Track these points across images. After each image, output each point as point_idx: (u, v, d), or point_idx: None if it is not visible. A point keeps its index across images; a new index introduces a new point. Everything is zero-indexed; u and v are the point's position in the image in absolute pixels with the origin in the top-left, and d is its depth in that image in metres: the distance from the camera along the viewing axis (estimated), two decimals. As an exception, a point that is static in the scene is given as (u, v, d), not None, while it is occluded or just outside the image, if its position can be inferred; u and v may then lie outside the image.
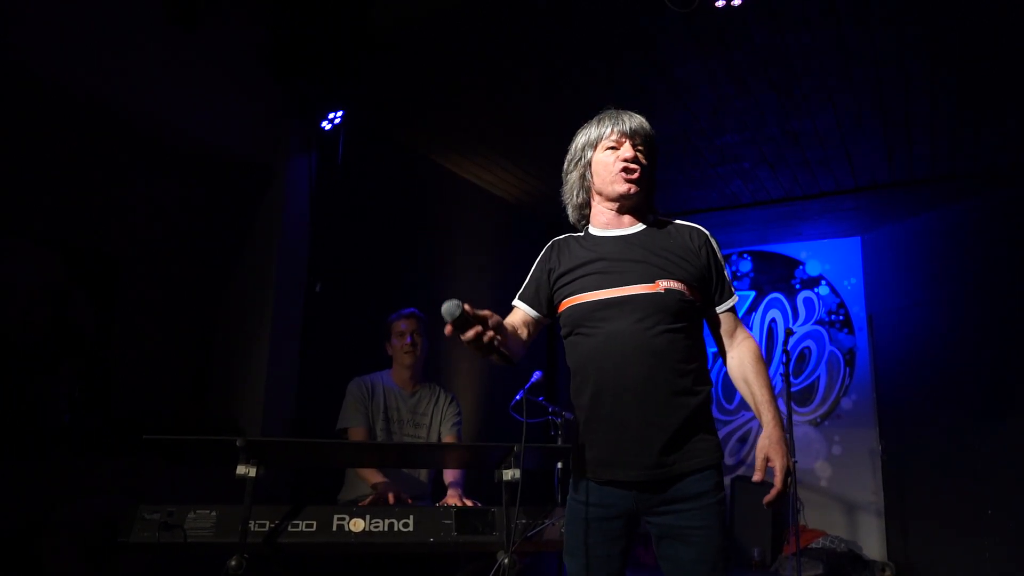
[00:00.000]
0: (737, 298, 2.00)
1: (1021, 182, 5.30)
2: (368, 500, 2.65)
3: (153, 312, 3.98)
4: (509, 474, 2.11)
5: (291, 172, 4.14)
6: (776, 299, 7.20)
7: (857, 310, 6.82)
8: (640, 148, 2.05)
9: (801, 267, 7.13)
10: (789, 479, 1.77)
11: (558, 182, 2.11)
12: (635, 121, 2.09)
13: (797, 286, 7.12)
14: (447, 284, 5.48)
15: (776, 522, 6.28)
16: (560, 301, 2.01)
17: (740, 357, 1.95)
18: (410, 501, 2.72)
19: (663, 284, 1.86)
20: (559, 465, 3.79)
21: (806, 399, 6.80)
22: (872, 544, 6.34)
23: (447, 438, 3.27)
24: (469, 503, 2.68)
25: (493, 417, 5.58)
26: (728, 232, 6.88)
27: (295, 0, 3.98)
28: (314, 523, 2.04)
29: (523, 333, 2.08)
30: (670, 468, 1.79)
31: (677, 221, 2.06)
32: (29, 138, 3.48)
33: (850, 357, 6.74)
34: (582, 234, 2.14)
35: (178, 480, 3.14)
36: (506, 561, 1.97)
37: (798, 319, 7.06)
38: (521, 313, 2.12)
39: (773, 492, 1.75)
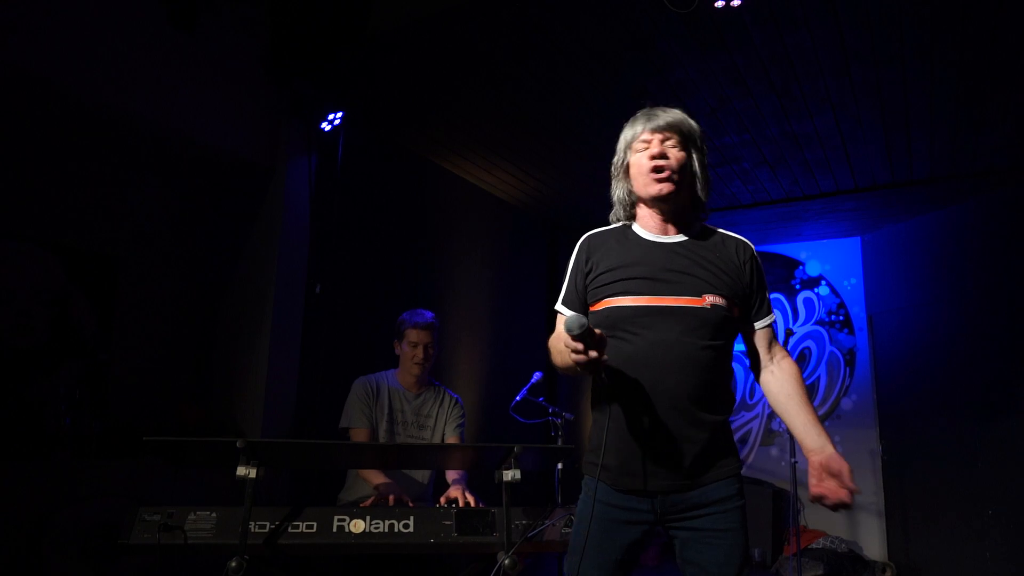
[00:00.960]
0: (775, 316, 2.00)
1: (1021, 182, 5.30)
2: (369, 501, 2.65)
3: (153, 314, 3.98)
4: (509, 475, 2.11)
5: (291, 173, 4.14)
6: (776, 299, 7.20)
7: (857, 310, 6.82)
8: (673, 145, 1.94)
9: (801, 267, 7.14)
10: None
11: (558, 183, 2.11)
12: (668, 116, 1.96)
13: (797, 286, 7.12)
14: (447, 285, 5.48)
15: (776, 522, 6.28)
16: (597, 299, 1.94)
17: (782, 377, 1.93)
18: (411, 503, 2.72)
19: (710, 299, 1.84)
20: (559, 466, 3.80)
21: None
22: (873, 544, 6.34)
23: (449, 439, 3.27)
24: (471, 498, 2.68)
25: (493, 417, 5.58)
26: (727, 231, 6.87)
27: (294, 1, 3.98)
28: (314, 524, 2.04)
29: None
30: (694, 480, 1.81)
31: (724, 232, 2.03)
32: (29, 140, 3.48)
33: (850, 357, 6.74)
34: (621, 230, 2.06)
35: (178, 482, 3.14)
36: (507, 562, 1.97)
37: (798, 319, 7.06)
38: (566, 312, 2.04)
39: (841, 497, 1.77)
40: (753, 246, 2.01)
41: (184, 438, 2.07)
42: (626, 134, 2.04)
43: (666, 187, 1.90)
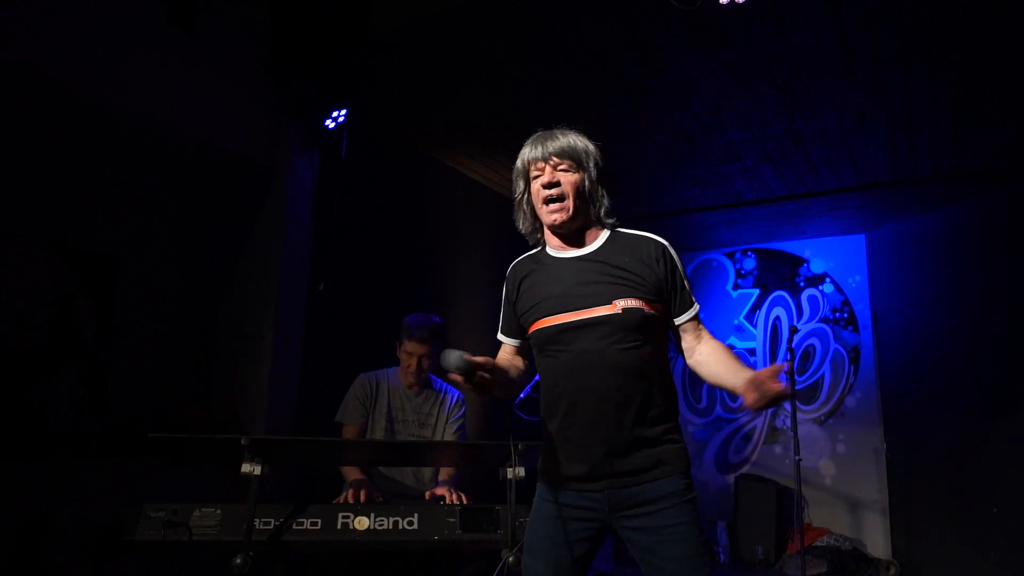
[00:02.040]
0: (698, 307, 2.00)
1: (1023, 182, 5.29)
2: (341, 498, 2.65)
3: (154, 313, 3.98)
4: (513, 472, 2.11)
5: (293, 172, 4.14)
6: (780, 297, 7.19)
7: (861, 308, 6.81)
8: (563, 168, 2.04)
9: (805, 265, 7.13)
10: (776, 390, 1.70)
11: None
12: (555, 142, 2.08)
13: (801, 284, 7.12)
14: (450, 283, 5.48)
15: (780, 520, 6.28)
16: (527, 324, 2.04)
17: (708, 349, 1.97)
18: (380, 499, 2.71)
19: (620, 304, 1.88)
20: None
21: (810, 397, 6.79)
22: (876, 542, 6.33)
23: (448, 437, 3.27)
24: (455, 498, 2.68)
25: (496, 415, 5.58)
26: (732, 230, 6.88)
27: (294, 1, 3.98)
28: (319, 521, 2.04)
29: (519, 362, 2.14)
30: (638, 476, 1.84)
31: (635, 233, 2.06)
32: (30, 140, 3.49)
33: (854, 355, 6.73)
34: (536, 255, 2.16)
35: (182, 479, 3.14)
36: (511, 559, 1.97)
37: (802, 317, 7.05)
38: (508, 346, 2.15)
39: (763, 392, 1.70)
40: (666, 243, 2.01)
41: (189, 435, 2.07)
42: (518, 164, 2.16)
43: (560, 216, 2.00)
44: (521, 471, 2.12)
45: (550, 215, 2.02)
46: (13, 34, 2.93)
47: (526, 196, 2.13)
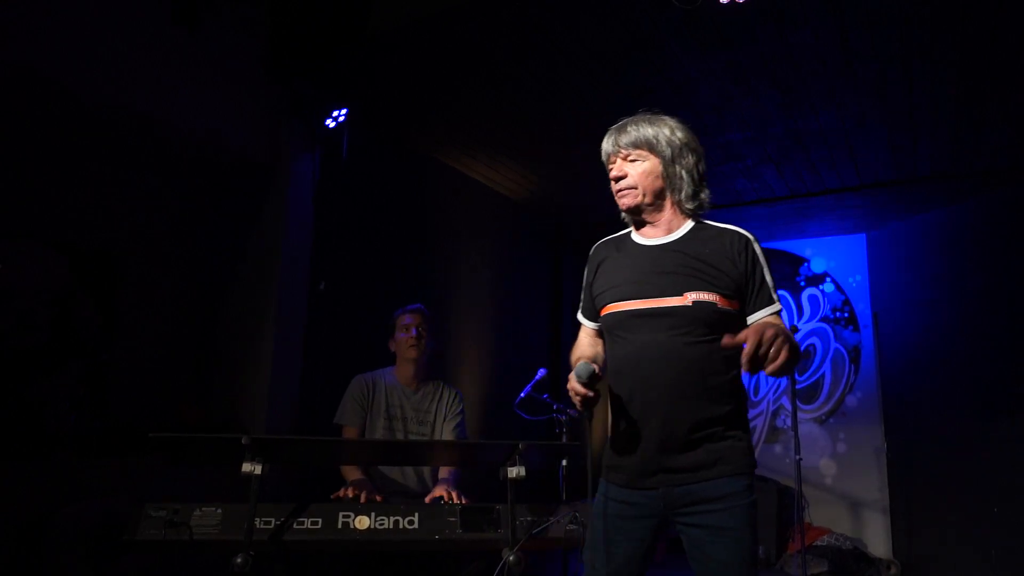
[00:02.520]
0: (779, 308, 1.92)
1: (1023, 182, 5.29)
2: (338, 493, 2.65)
3: (155, 313, 3.98)
4: (514, 471, 2.11)
5: (294, 171, 4.14)
6: (781, 296, 7.16)
7: (862, 307, 6.80)
8: (632, 158, 2.04)
9: (806, 264, 7.12)
10: (772, 339, 1.60)
11: (561, 181, 2.13)
12: (623, 134, 2.08)
13: (802, 283, 7.11)
14: (451, 282, 5.48)
15: (781, 520, 6.27)
16: (600, 306, 2.04)
17: None
18: (379, 499, 2.72)
19: (691, 296, 1.86)
20: (564, 462, 3.80)
21: (811, 396, 6.79)
22: (877, 542, 6.33)
23: (447, 436, 3.26)
24: (455, 497, 2.68)
25: (497, 414, 5.58)
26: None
27: (295, 1, 3.98)
28: (319, 520, 2.04)
29: (599, 347, 2.12)
30: (696, 474, 1.82)
31: (722, 226, 2.03)
32: (30, 139, 3.49)
33: (855, 354, 6.73)
34: (622, 237, 2.15)
35: (183, 479, 3.14)
36: (511, 558, 1.97)
37: (803, 316, 7.05)
38: (587, 328, 2.16)
39: (744, 357, 1.61)
40: (752, 237, 1.97)
41: (190, 435, 2.07)
42: (602, 153, 2.15)
43: (626, 201, 2.03)
44: (522, 470, 2.12)
45: (620, 200, 2.05)
46: (13, 33, 2.93)
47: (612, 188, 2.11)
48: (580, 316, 2.19)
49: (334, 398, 3.29)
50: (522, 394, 3.97)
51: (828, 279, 7.01)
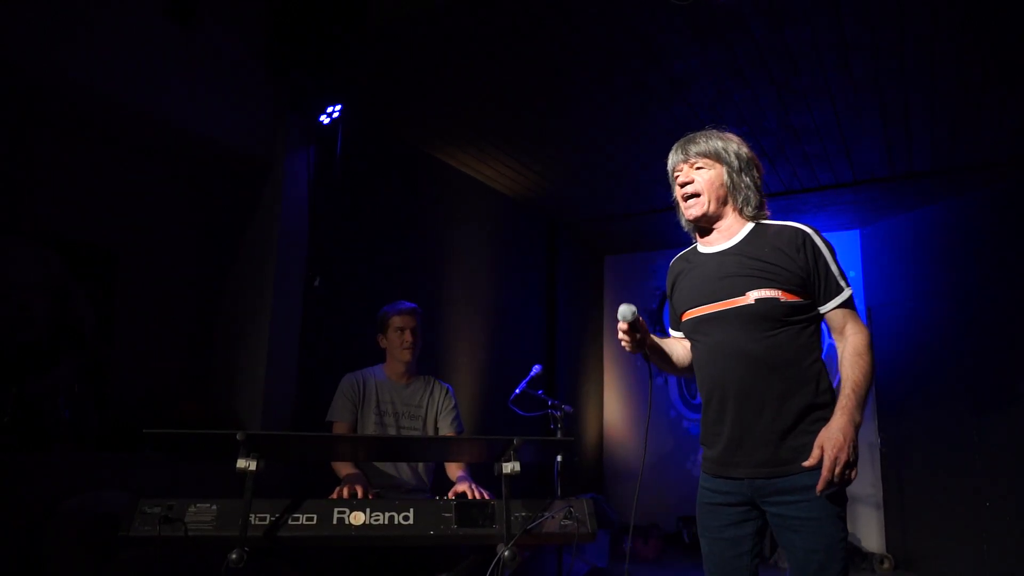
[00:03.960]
0: (847, 294, 1.99)
1: (1019, 175, 5.30)
2: (335, 493, 2.66)
3: (152, 307, 3.98)
4: (509, 467, 2.11)
5: (289, 166, 4.14)
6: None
7: (856, 303, 6.81)
8: (699, 166, 2.11)
9: (800, 260, 7.12)
10: (844, 471, 1.75)
11: (557, 176, 2.14)
12: (692, 144, 2.13)
13: (796, 279, 7.11)
14: (446, 278, 5.48)
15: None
16: (679, 314, 2.21)
17: (841, 351, 1.97)
18: (371, 496, 2.72)
19: (753, 295, 1.96)
20: (559, 458, 3.81)
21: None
22: (871, 536, 6.36)
23: (446, 432, 3.27)
24: (478, 494, 2.68)
25: (492, 410, 5.59)
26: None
27: (293, -6, 3.97)
28: (314, 516, 2.04)
29: (687, 345, 2.24)
30: (775, 468, 1.89)
31: (779, 223, 2.09)
32: (26, 134, 3.47)
33: (849, 350, 6.73)
34: (691, 250, 2.26)
35: (178, 474, 3.15)
36: (506, 554, 1.98)
37: (797, 312, 7.05)
38: (675, 336, 2.34)
39: (820, 481, 1.76)
40: (811, 230, 2.02)
41: (184, 431, 2.07)
42: (668, 170, 2.23)
43: (693, 211, 2.11)
44: (516, 466, 2.12)
45: (687, 210, 2.13)
46: (9, 29, 2.92)
47: (675, 199, 2.21)
48: (671, 330, 2.37)
49: (330, 393, 3.30)
50: (517, 390, 3.98)
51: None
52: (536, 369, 4.04)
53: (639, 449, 7.82)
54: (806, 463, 1.80)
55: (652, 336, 2.13)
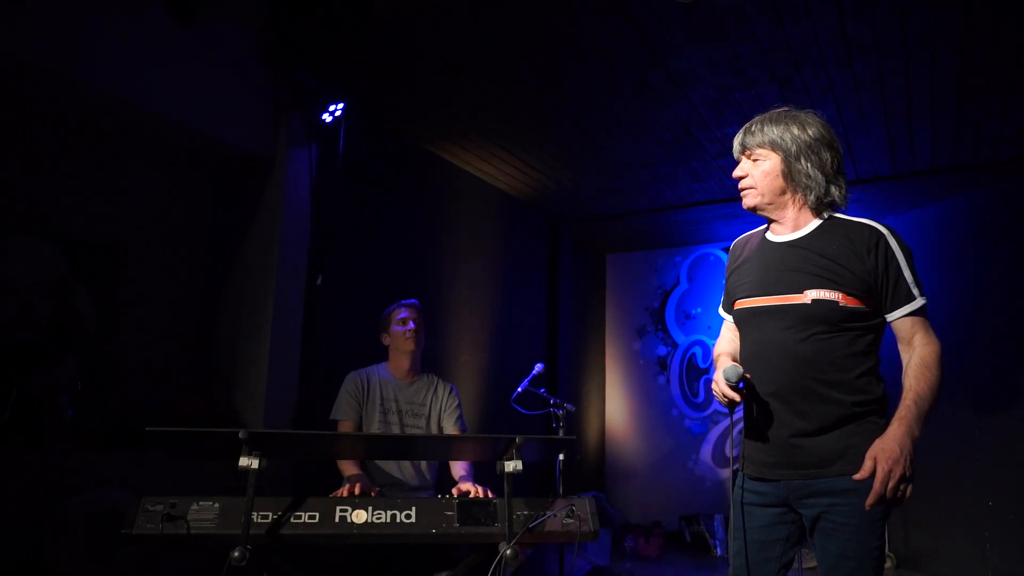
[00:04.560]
0: (919, 303, 1.87)
1: (1022, 173, 5.29)
2: (338, 492, 2.66)
3: (154, 305, 3.98)
4: (511, 466, 2.11)
5: (291, 164, 4.14)
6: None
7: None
8: (755, 157, 2.05)
9: (802, 259, 7.11)
10: (897, 487, 1.67)
11: (560, 174, 2.14)
12: (749, 135, 2.09)
13: (798, 278, 7.10)
14: (448, 276, 5.48)
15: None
16: (733, 300, 2.10)
17: (907, 363, 1.90)
18: (374, 494, 2.73)
19: (811, 294, 1.86)
20: (561, 457, 3.81)
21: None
22: (873, 535, 6.34)
23: (451, 431, 3.28)
24: (481, 493, 2.68)
25: (494, 409, 5.59)
26: (729, 224, 6.87)
27: (294, -8, 3.97)
28: (317, 515, 2.04)
29: (738, 339, 2.15)
30: (812, 470, 1.83)
31: (852, 219, 2.00)
32: (28, 132, 3.48)
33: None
34: (759, 232, 2.16)
35: (183, 471, 3.15)
36: (508, 552, 1.98)
37: (800, 311, 7.04)
38: (728, 321, 2.23)
39: (871, 495, 1.67)
40: (886, 231, 1.91)
41: (187, 429, 2.07)
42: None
43: (747, 201, 2.04)
44: (519, 465, 2.12)
45: (743, 199, 2.05)
46: (10, 26, 2.92)
47: None
48: (720, 310, 2.27)
49: (332, 391, 3.30)
50: (519, 389, 3.98)
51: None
52: (538, 367, 4.04)
53: (641, 447, 7.82)
54: (856, 476, 1.71)
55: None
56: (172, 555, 3.13)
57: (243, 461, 1.94)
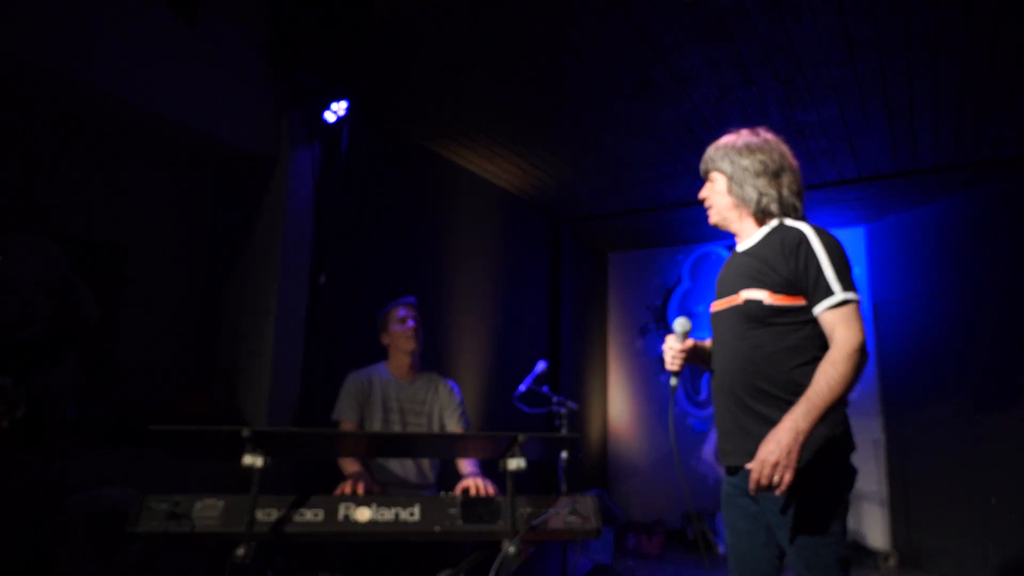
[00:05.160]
0: (838, 297, 1.92)
1: (1025, 171, 5.29)
2: (339, 490, 2.67)
3: (157, 304, 3.99)
4: (514, 463, 2.11)
5: (294, 164, 4.14)
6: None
7: (861, 300, 6.79)
8: (711, 179, 2.23)
9: (804, 257, 7.10)
10: (771, 473, 1.77)
11: (562, 173, 2.15)
12: (703, 161, 2.26)
13: (801, 276, 7.10)
14: (451, 275, 5.48)
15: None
16: None
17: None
18: (376, 490, 2.73)
19: (744, 295, 2.03)
20: (563, 454, 3.81)
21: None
22: (876, 533, 6.35)
23: (453, 430, 3.28)
24: (491, 489, 2.69)
25: (497, 407, 5.59)
26: (731, 223, 6.87)
27: (296, -9, 3.98)
28: (320, 512, 2.04)
29: None
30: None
31: (790, 225, 2.10)
32: (30, 131, 3.48)
33: (854, 347, 6.72)
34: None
35: (184, 471, 3.16)
36: (511, 549, 1.98)
37: (802, 309, 7.04)
38: None
39: (750, 481, 1.82)
40: (809, 232, 2.02)
41: (190, 427, 2.08)
42: None
43: (710, 219, 2.25)
44: (522, 462, 2.13)
45: (709, 219, 2.27)
46: (14, 26, 2.92)
47: None
48: None
49: (335, 390, 3.30)
50: (522, 387, 3.98)
51: (827, 272, 6.99)
52: (541, 366, 4.04)
53: (644, 445, 7.82)
54: (748, 464, 1.85)
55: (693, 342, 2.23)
56: (173, 554, 3.14)
57: (246, 459, 1.94)
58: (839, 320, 1.93)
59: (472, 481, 2.76)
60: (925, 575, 5.77)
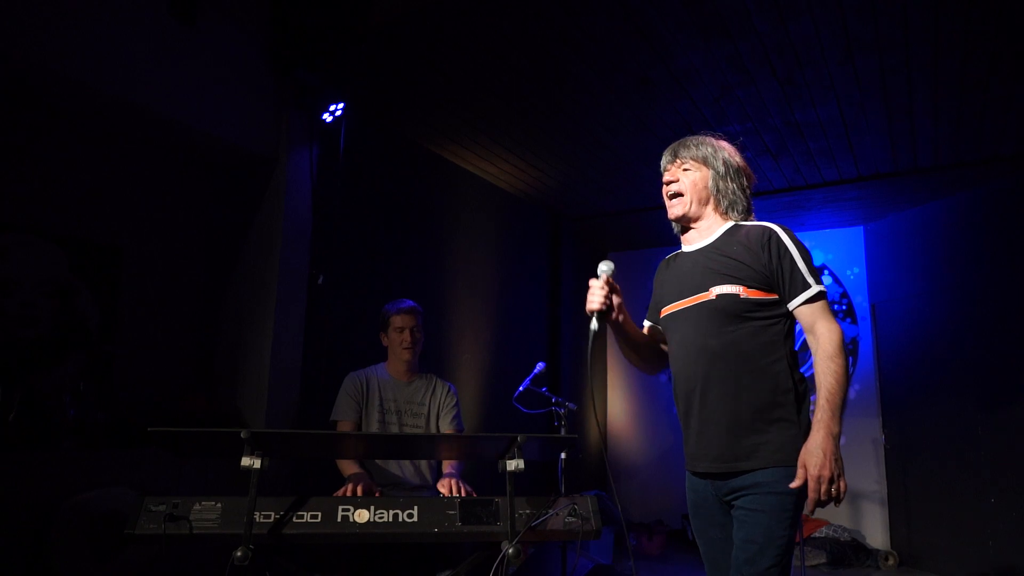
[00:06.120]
0: (815, 289, 1.95)
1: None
2: (340, 492, 2.67)
3: (157, 305, 3.99)
4: (513, 464, 2.11)
5: (293, 164, 4.14)
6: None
7: (860, 300, 6.81)
8: (686, 168, 2.19)
9: (804, 257, 7.10)
10: (829, 488, 1.76)
11: (561, 173, 2.15)
12: (683, 148, 2.23)
13: (800, 276, 7.10)
14: (450, 275, 5.48)
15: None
16: (658, 311, 2.25)
17: (814, 352, 1.95)
18: (378, 493, 2.73)
19: (716, 290, 1.99)
20: (563, 455, 3.81)
21: (809, 389, 6.79)
22: (875, 533, 6.35)
23: (446, 431, 3.28)
24: (460, 490, 2.69)
25: (496, 408, 5.59)
26: (731, 222, 6.87)
27: (295, -9, 3.97)
28: (319, 514, 2.04)
29: (648, 335, 2.35)
30: (732, 464, 1.91)
31: (753, 223, 2.12)
32: (31, 131, 3.48)
33: (853, 347, 6.74)
34: (677, 251, 2.32)
35: (183, 472, 3.15)
36: (510, 551, 1.98)
37: (801, 309, 7.04)
38: (645, 325, 2.38)
39: (808, 503, 1.78)
40: (777, 229, 2.03)
41: (189, 429, 2.07)
42: (661, 167, 2.32)
43: (675, 209, 2.19)
44: (520, 463, 2.13)
45: (670, 209, 2.21)
46: (15, 26, 2.92)
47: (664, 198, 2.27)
48: (645, 321, 2.39)
49: (334, 391, 3.31)
50: (521, 387, 3.98)
51: (826, 271, 7.01)
52: (540, 366, 4.04)
53: (643, 445, 7.82)
54: (792, 484, 1.80)
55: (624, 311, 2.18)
56: (174, 555, 3.14)
57: (245, 461, 1.94)
58: (819, 313, 1.95)
59: (447, 481, 2.77)
60: (925, 575, 5.77)
